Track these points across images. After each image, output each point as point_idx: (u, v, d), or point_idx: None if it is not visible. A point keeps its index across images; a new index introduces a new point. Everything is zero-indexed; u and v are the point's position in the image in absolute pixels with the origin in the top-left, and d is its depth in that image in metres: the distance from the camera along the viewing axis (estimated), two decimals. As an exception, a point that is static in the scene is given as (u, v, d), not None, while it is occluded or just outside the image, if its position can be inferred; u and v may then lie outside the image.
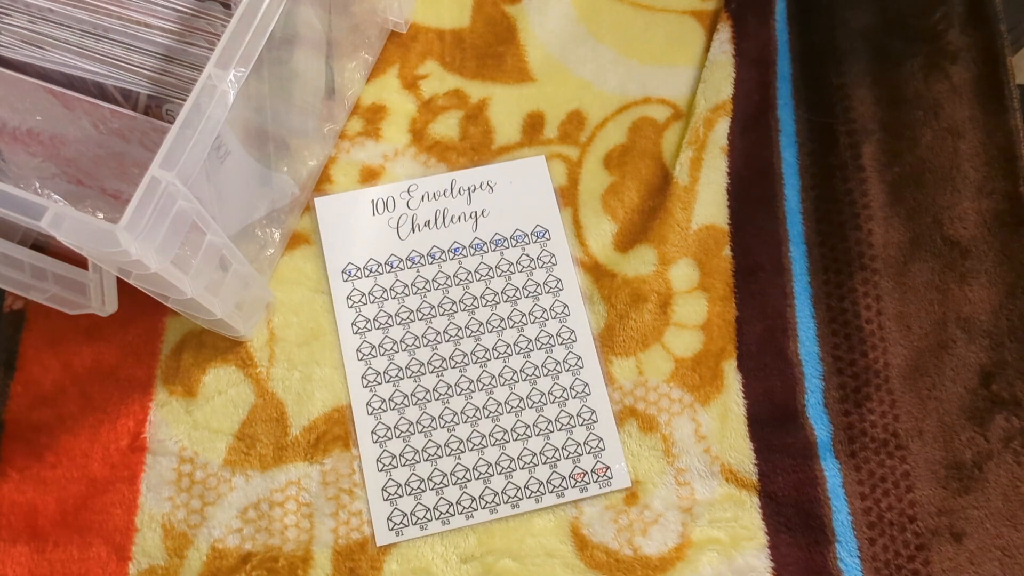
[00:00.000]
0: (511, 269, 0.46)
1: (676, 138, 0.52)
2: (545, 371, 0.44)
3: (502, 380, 0.44)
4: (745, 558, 0.44)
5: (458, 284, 0.45)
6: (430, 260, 0.46)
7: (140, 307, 0.44)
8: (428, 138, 0.52)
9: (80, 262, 0.38)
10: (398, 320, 0.45)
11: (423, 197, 0.47)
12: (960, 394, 0.46)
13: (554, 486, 0.43)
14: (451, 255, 0.46)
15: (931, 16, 0.54)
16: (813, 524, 0.44)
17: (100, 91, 0.39)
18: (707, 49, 0.55)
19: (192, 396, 0.46)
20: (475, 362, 0.44)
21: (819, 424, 0.46)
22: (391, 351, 0.44)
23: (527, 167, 0.48)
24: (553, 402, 0.44)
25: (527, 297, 0.45)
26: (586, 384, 0.44)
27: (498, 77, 0.54)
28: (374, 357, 0.44)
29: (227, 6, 0.39)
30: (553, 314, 0.45)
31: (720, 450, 0.46)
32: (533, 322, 0.45)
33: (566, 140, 0.52)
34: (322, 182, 0.50)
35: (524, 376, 0.44)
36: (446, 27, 0.55)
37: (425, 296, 0.45)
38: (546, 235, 0.46)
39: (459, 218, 0.46)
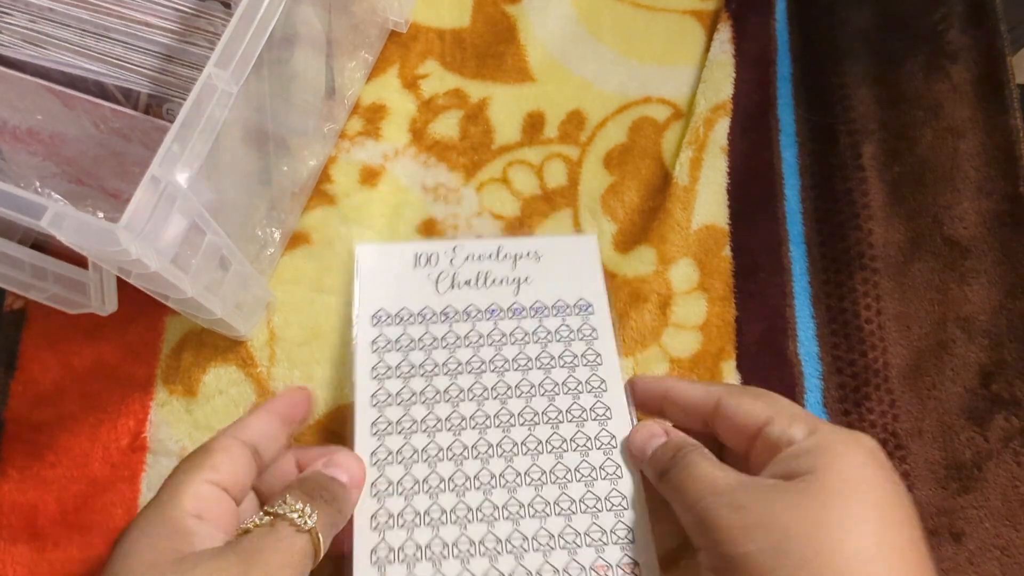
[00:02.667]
0: (549, 337, 0.42)
1: (676, 138, 0.53)
2: (574, 445, 0.40)
3: (525, 449, 0.39)
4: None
5: (491, 345, 0.42)
6: (465, 317, 0.43)
7: (140, 307, 0.44)
8: (428, 138, 0.52)
9: (80, 261, 0.38)
10: (421, 371, 0.41)
11: (467, 258, 0.45)
12: (960, 394, 0.46)
13: None
14: (488, 315, 0.43)
15: (931, 16, 0.54)
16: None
17: (101, 90, 0.39)
18: (707, 49, 0.55)
19: (193, 395, 0.46)
20: (497, 426, 0.40)
21: (819, 424, 0.46)
22: (409, 402, 0.40)
23: (577, 245, 0.45)
24: (579, 480, 0.39)
25: (562, 367, 0.42)
26: (618, 466, 0.39)
27: (498, 77, 0.54)
28: (389, 406, 0.40)
29: (227, 6, 0.39)
30: (589, 388, 0.41)
31: (720, 450, 0.46)
32: (566, 393, 0.41)
33: (566, 140, 0.52)
34: (322, 182, 0.50)
35: (549, 448, 0.40)
36: (446, 27, 0.55)
37: (454, 351, 0.42)
38: (589, 309, 0.43)
39: (501, 281, 0.44)
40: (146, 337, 0.47)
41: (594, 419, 0.40)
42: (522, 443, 0.40)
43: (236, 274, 0.41)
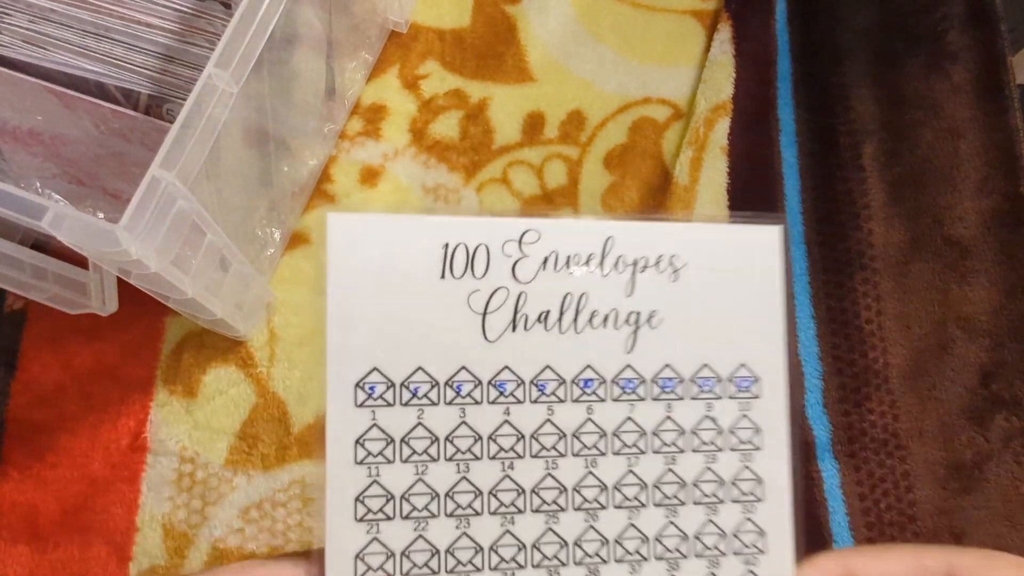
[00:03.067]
0: (678, 444, 0.24)
1: (676, 138, 0.53)
2: None
3: None
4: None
5: (578, 455, 0.23)
6: (534, 395, 0.23)
7: (140, 307, 0.44)
8: (428, 138, 0.52)
9: (80, 262, 0.38)
10: (450, 507, 0.23)
11: (546, 260, 0.23)
12: (960, 394, 0.46)
13: None
14: (576, 393, 0.23)
15: (931, 16, 0.54)
16: (810, 525, 0.44)
17: (101, 91, 0.39)
18: (707, 49, 0.55)
19: (193, 396, 0.46)
20: None
21: (818, 424, 0.46)
22: (427, 570, 0.23)
23: (748, 241, 0.24)
24: None
25: (700, 504, 0.24)
26: None
27: (498, 77, 0.54)
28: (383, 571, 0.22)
29: (227, 6, 0.39)
30: (738, 546, 0.24)
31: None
32: (699, 555, 0.24)
33: (566, 140, 0.52)
34: (322, 182, 0.50)
35: None
36: (446, 27, 0.55)
37: (511, 468, 0.23)
38: (754, 386, 0.25)
39: (605, 320, 0.24)
40: (146, 337, 0.47)
41: None
42: None
43: (236, 274, 0.41)
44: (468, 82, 0.54)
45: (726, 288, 0.24)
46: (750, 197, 0.51)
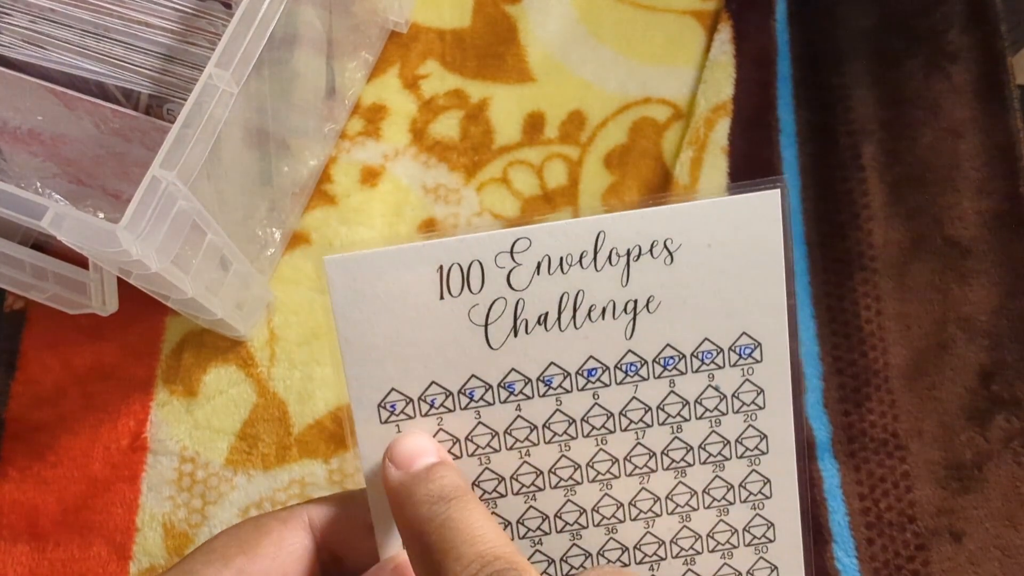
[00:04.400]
0: (683, 414, 0.25)
1: (676, 138, 0.53)
2: None
3: None
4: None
5: (589, 436, 0.25)
6: (542, 390, 0.25)
7: (140, 307, 0.44)
8: (428, 138, 0.52)
9: (80, 262, 0.38)
10: (479, 492, 0.26)
11: (540, 265, 0.24)
12: (960, 394, 0.46)
13: None
14: (581, 383, 0.25)
15: (931, 16, 0.54)
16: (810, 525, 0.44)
17: (101, 91, 0.39)
18: (707, 49, 0.55)
19: (193, 396, 0.46)
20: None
21: (818, 424, 0.46)
22: None
23: (745, 210, 0.24)
24: None
25: (707, 463, 0.26)
26: None
27: (498, 77, 0.54)
28: None
29: (228, 6, 0.39)
30: (745, 495, 0.26)
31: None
32: (709, 506, 0.26)
33: (566, 140, 0.52)
34: (322, 182, 0.50)
35: None
36: (446, 27, 0.55)
37: (528, 454, 0.25)
38: (755, 351, 0.25)
39: (604, 313, 0.24)
40: (146, 337, 0.47)
41: (749, 543, 0.26)
42: None
43: (236, 274, 0.41)
44: (468, 82, 0.54)
45: (724, 261, 0.24)
46: (750, 197, 0.51)
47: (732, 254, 0.24)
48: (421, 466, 0.24)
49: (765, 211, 0.25)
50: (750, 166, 0.52)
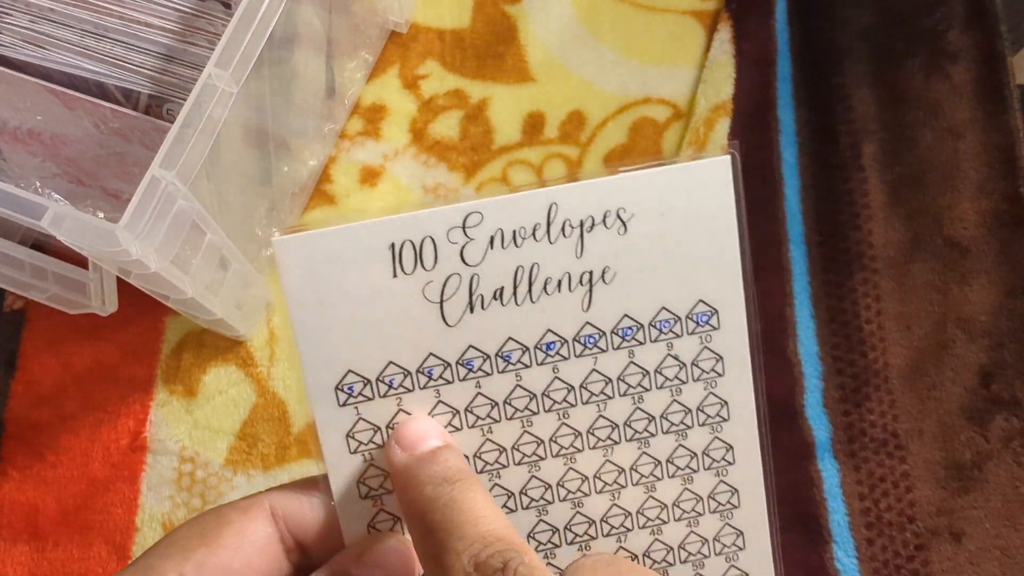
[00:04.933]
0: (643, 384, 0.25)
1: (676, 138, 0.53)
2: (684, 554, 0.27)
3: None
4: (745, 558, 0.43)
5: (550, 410, 0.25)
6: (501, 366, 0.25)
7: (140, 307, 0.44)
8: (428, 138, 0.52)
9: (80, 261, 0.38)
10: None
11: (493, 239, 0.24)
12: (960, 394, 0.46)
13: None
14: (540, 357, 0.25)
15: (931, 16, 0.54)
16: (809, 524, 0.44)
17: (101, 91, 0.39)
18: (707, 49, 0.55)
19: (193, 396, 0.46)
20: (569, 543, 0.26)
21: (818, 424, 0.46)
22: None
23: (697, 177, 0.25)
24: None
25: (669, 432, 0.26)
26: None
27: (498, 77, 0.54)
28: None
29: (228, 6, 0.39)
30: (708, 461, 0.26)
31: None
32: (673, 475, 0.26)
33: (567, 140, 0.52)
34: (322, 182, 0.50)
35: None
36: (446, 27, 0.55)
37: (490, 431, 0.25)
38: (713, 318, 0.25)
39: (559, 285, 0.24)
40: (146, 337, 0.47)
41: (714, 510, 0.26)
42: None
43: (236, 274, 0.41)
44: (468, 82, 0.54)
45: (678, 229, 0.25)
46: (750, 197, 0.51)
47: (685, 222, 0.25)
48: (426, 449, 0.24)
49: (716, 177, 0.25)
50: (750, 166, 0.52)
